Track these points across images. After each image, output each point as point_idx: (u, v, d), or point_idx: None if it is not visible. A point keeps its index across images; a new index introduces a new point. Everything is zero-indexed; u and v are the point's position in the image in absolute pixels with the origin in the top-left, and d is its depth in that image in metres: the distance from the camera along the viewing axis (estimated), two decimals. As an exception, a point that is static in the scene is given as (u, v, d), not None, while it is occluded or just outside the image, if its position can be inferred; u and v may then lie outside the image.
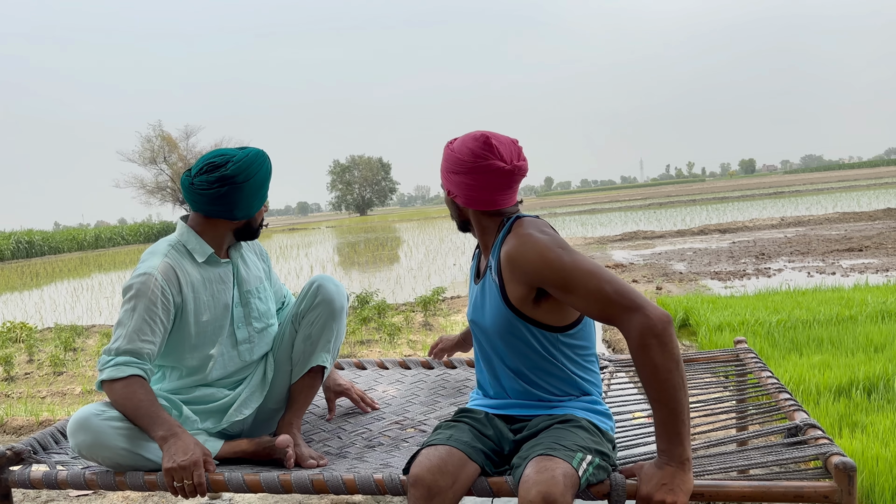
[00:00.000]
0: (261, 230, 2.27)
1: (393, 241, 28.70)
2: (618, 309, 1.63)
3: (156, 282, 2.02)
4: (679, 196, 53.35)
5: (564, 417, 1.80)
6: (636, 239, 17.82)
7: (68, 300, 14.63)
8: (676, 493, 1.55)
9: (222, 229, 2.18)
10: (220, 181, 2.05)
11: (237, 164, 2.06)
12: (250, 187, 2.09)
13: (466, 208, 1.93)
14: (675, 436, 1.58)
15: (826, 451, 1.65)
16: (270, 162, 2.17)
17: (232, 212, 2.12)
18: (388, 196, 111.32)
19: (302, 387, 2.27)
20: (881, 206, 22.35)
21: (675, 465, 1.58)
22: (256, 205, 2.16)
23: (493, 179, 1.83)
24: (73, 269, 27.27)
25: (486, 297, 1.89)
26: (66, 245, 46.01)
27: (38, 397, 6.11)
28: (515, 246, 1.77)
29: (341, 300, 2.30)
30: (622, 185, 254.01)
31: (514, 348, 1.85)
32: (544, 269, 1.71)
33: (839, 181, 54.89)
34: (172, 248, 2.13)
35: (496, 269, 1.84)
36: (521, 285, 1.77)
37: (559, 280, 1.70)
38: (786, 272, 9.87)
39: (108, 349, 1.99)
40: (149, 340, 2.00)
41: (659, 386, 1.58)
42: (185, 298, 2.09)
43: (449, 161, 1.89)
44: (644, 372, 1.60)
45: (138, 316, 1.99)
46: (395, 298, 9.94)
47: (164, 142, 61.18)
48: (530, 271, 1.74)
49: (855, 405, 3.69)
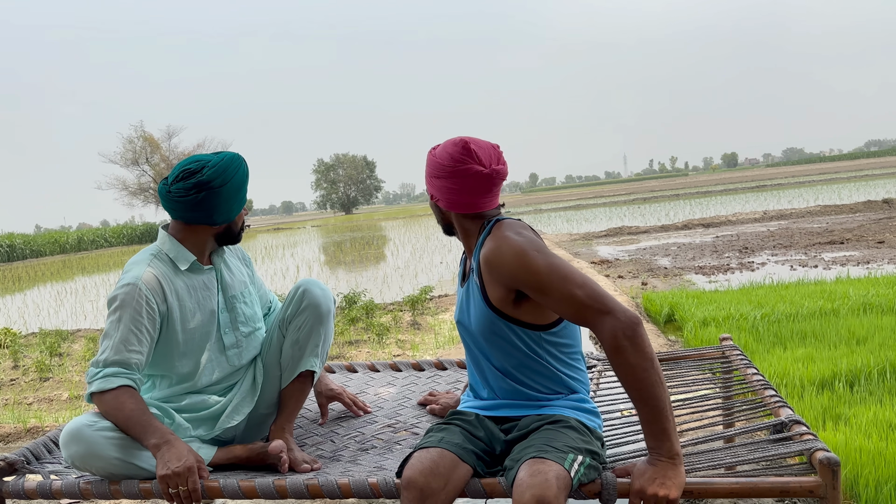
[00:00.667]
0: (242, 234, 2.28)
1: (379, 239, 28.68)
2: (590, 313, 1.68)
3: (140, 292, 2.03)
4: (663, 191, 53.68)
5: (554, 418, 1.83)
6: (621, 234, 17.92)
7: (52, 304, 14.51)
8: (669, 486, 1.58)
9: (203, 235, 2.18)
10: (197, 187, 2.06)
11: (213, 168, 2.07)
12: (227, 191, 2.10)
13: (449, 212, 1.98)
14: (660, 432, 1.62)
15: (810, 446, 1.69)
16: (247, 165, 2.18)
17: (211, 217, 2.13)
18: (374, 194, 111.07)
19: (292, 391, 2.29)
20: (861, 198, 22.61)
21: (666, 460, 1.61)
22: (236, 208, 2.16)
23: (473, 183, 1.88)
24: (56, 272, 27.01)
25: (470, 298, 1.93)
26: (48, 248, 45.56)
27: (24, 404, 6.06)
28: (492, 249, 1.81)
29: (328, 304, 2.32)
30: (606, 181, 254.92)
31: (499, 348, 1.89)
32: (519, 271, 1.76)
33: (820, 174, 55.47)
34: (155, 258, 2.13)
35: (477, 272, 1.88)
36: (500, 287, 1.82)
37: (534, 283, 1.75)
38: (769, 266, 9.98)
39: (96, 361, 1.99)
40: (136, 350, 2.00)
41: (637, 385, 1.62)
42: (170, 306, 2.10)
43: (431, 166, 1.94)
44: (621, 373, 1.64)
45: (124, 326, 2.00)
46: (383, 298, 9.94)
47: (147, 143, 60.69)
48: (506, 274, 1.79)
49: (838, 398, 3.75)
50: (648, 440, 1.64)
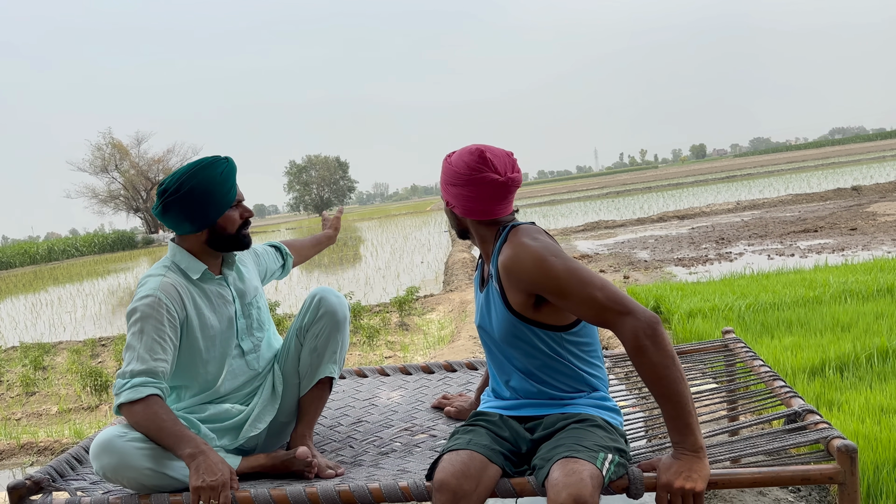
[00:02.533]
0: (246, 237, 2.27)
1: (356, 240, 28.58)
2: (610, 314, 1.73)
3: (160, 301, 2.05)
4: (635, 184, 54.17)
5: (579, 416, 1.88)
6: (598, 229, 18.10)
7: (28, 317, 14.27)
8: (695, 479, 1.64)
9: (198, 244, 2.20)
10: (163, 196, 2.11)
11: (175, 178, 2.11)
12: (197, 195, 2.10)
13: (464, 218, 2.02)
14: (684, 427, 1.68)
15: (827, 434, 1.75)
16: (223, 165, 2.15)
17: (192, 224, 2.15)
18: (347, 195, 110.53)
19: (311, 398, 2.31)
20: (831, 186, 23.06)
21: (691, 454, 1.67)
22: (213, 211, 2.14)
23: (489, 191, 1.92)
24: (28, 283, 26.53)
25: (490, 303, 1.97)
26: (17, 259, 44.73)
27: (13, 419, 5.98)
28: (511, 255, 1.86)
29: (343, 311, 2.35)
30: (578, 175, 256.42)
31: (522, 351, 1.93)
32: (538, 277, 1.80)
33: (788, 163, 56.38)
34: (168, 269, 2.17)
35: (496, 277, 1.92)
36: (520, 292, 1.86)
37: (553, 288, 1.79)
38: (747, 256, 10.16)
39: (123, 373, 2.00)
40: (161, 359, 2.02)
41: (661, 382, 1.67)
42: (189, 314, 2.13)
43: (447, 174, 1.98)
44: (644, 371, 1.69)
45: (147, 337, 2.02)
46: (368, 300, 9.95)
47: (115, 149, 59.81)
48: (526, 279, 1.83)
49: (829, 384, 3.85)
50: (673, 435, 1.70)
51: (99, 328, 11.14)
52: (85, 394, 6.37)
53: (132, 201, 60.71)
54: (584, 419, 1.86)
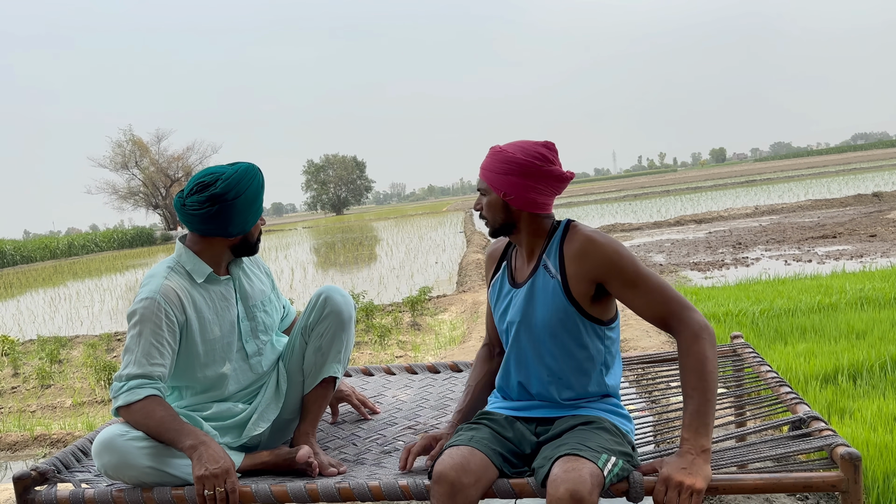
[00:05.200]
0: (259, 244, 2.30)
1: (371, 239, 28.67)
2: (677, 306, 1.81)
3: (158, 305, 2.05)
4: (653, 187, 53.90)
5: (588, 418, 1.88)
6: (614, 231, 18.01)
7: (46, 310, 14.45)
8: (696, 476, 1.64)
9: (219, 247, 2.20)
10: (211, 200, 2.08)
11: (226, 181, 2.09)
12: (242, 203, 2.11)
13: (521, 211, 1.98)
14: (703, 426, 1.69)
15: (831, 442, 1.74)
16: (262, 175, 2.19)
17: (226, 229, 2.14)
18: (364, 194, 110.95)
19: (315, 397, 2.32)
20: (851, 192, 22.80)
21: (696, 454, 1.67)
22: (251, 220, 2.18)
23: (555, 184, 1.97)
24: (48, 278, 26.87)
25: (536, 296, 1.95)
26: (38, 254, 45.30)
27: (27, 411, 6.06)
28: (585, 243, 1.89)
29: (349, 310, 2.35)
30: (596, 178, 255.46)
31: (563, 346, 1.93)
32: (618, 264, 1.85)
33: (809, 168, 55.81)
34: (172, 270, 2.15)
35: (557, 267, 1.92)
36: (587, 281, 1.89)
37: (629, 276, 1.85)
38: (763, 261, 10.07)
39: (119, 375, 2.01)
40: (158, 363, 2.03)
41: (705, 376, 1.72)
42: (188, 317, 2.12)
43: (512, 164, 1.93)
44: (693, 361, 1.74)
45: (145, 340, 2.02)
46: (381, 299, 9.97)
47: (136, 146, 60.46)
48: (601, 266, 1.87)
49: (842, 392, 3.81)
50: (687, 431, 1.70)
51: (115, 322, 11.26)
52: (99, 387, 6.44)
53: (151, 198, 61.33)
54: (591, 421, 1.86)
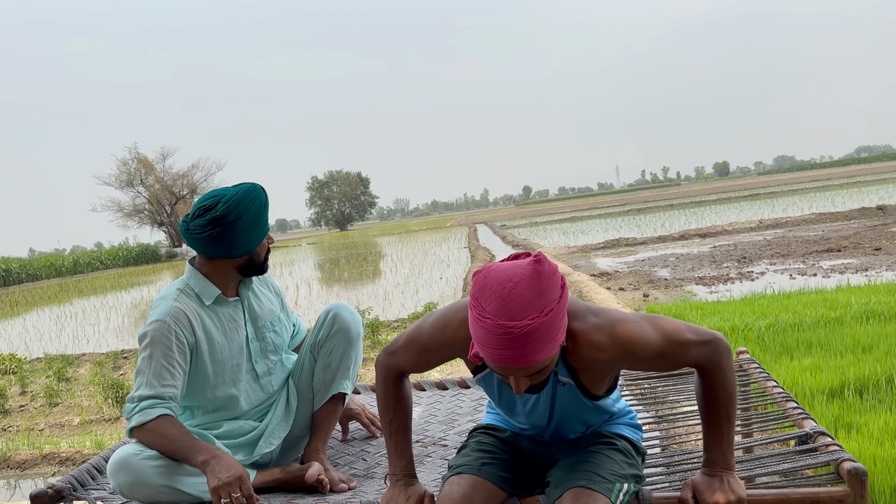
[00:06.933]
0: (267, 264, 2.33)
1: (376, 255, 28.74)
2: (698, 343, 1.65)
3: (168, 327, 2.09)
4: (657, 201, 53.94)
5: (603, 433, 1.85)
6: (618, 246, 18.03)
7: (53, 328, 14.50)
8: (737, 492, 1.65)
9: (226, 268, 2.24)
10: (212, 223, 2.12)
11: (226, 203, 2.13)
12: (243, 225, 2.15)
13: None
14: (729, 446, 1.69)
15: (837, 457, 1.76)
16: (264, 195, 2.22)
17: (231, 250, 2.18)
18: (368, 210, 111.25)
19: (325, 413, 2.35)
20: (855, 205, 22.80)
21: (728, 472, 1.69)
22: (255, 240, 2.22)
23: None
24: (53, 295, 26.96)
25: (557, 403, 1.78)
26: (43, 272, 45.48)
27: (36, 430, 6.09)
28: (598, 350, 1.63)
29: (357, 327, 2.39)
30: (600, 192, 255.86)
31: (574, 429, 1.87)
32: (632, 354, 1.64)
33: (812, 181, 55.83)
34: (181, 293, 2.20)
35: (568, 375, 1.71)
36: (601, 380, 1.73)
37: (644, 357, 1.65)
38: (768, 275, 10.07)
39: (132, 397, 2.05)
40: (170, 384, 2.07)
41: (729, 401, 1.67)
42: (198, 339, 2.15)
43: (551, 313, 1.50)
44: (719, 386, 1.66)
45: (156, 362, 2.06)
46: (386, 315, 9.99)
47: (141, 164, 60.78)
48: (617, 362, 1.67)
49: (848, 406, 3.82)
50: (714, 454, 1.69)
51: (121, 340, 11.29)
52: (106, 405, 6.47)
53: (156, 215, 61.57)
54: (606, 438, 1.84)
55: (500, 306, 1.45)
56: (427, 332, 1.79)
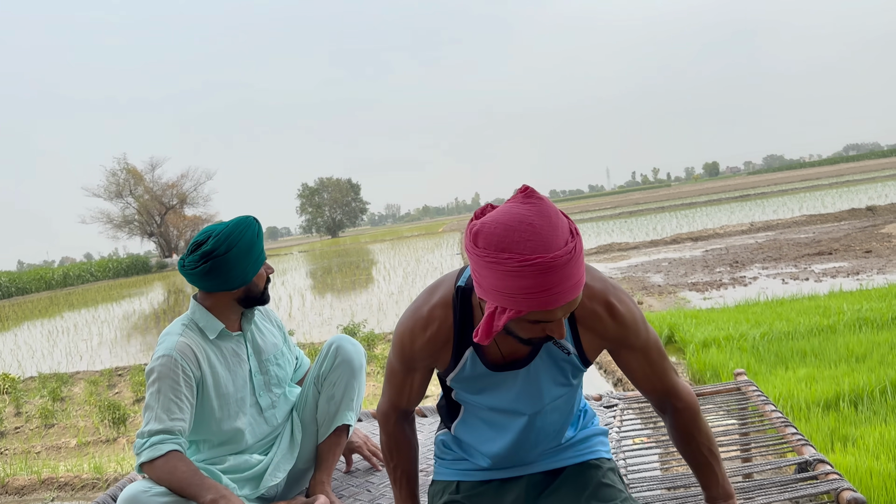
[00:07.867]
0: (268, 294, 2.35)
1: (368, 263, 28.71)
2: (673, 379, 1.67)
3: (175, 361, 2.11)
4: (647, 203, 54.15)
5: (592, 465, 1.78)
6: (611, 251, 18.11)
7: (45, 345, 14.43)
8: None
9: (227, 301, 2.26)
10: (204, 257, 2.15)
11: (216, 237, 2.16)
12: (235, 256, 2.17)
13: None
14: (724, 478, 1.71)
15: (837, 486, 1.78)
16: (256, 226, 2.24)
17: (227, 283, 2.20)
18: (359, 216, 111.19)
19: (329, 445, 2.36)
20: (845, 205, 22.98)
21: (730, 501, 1.70)
22: (251, 270, 2.23)
23: None
24: (44, 309, 26.84)
25: (541, 379, 1.67)
26: (33, 285, 45.27)
27: (32, 452, 6.06)
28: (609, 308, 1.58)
29: (360, 359, 2.41)
30: (590, 194, 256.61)
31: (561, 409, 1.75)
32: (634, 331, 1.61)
33: (802, 181, 56.18)
34: (186, 328, 2.22)
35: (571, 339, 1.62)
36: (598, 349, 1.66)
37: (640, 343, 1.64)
38: (761, 280, 10.14)
39: (142, 433, 2.07)
40: (178, 418, 2.08)
41: (710, 440, 1.69)
42: (203, 373, 2.17)
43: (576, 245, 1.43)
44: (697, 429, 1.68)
45: (164, 397, 2.08)
46: (381, 327, 9.99)
47: (130, 175, 60.61)
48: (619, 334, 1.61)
49: (843, 418, 3.86)
50: (713, 492, 1.70)
51: (115, 357, 11.25)
52: (103, 426, 6.45)
53: (146, 226, 61.37)
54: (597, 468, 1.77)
55: (538, 243, 1.31)
56: (396, 355, 1.70)
